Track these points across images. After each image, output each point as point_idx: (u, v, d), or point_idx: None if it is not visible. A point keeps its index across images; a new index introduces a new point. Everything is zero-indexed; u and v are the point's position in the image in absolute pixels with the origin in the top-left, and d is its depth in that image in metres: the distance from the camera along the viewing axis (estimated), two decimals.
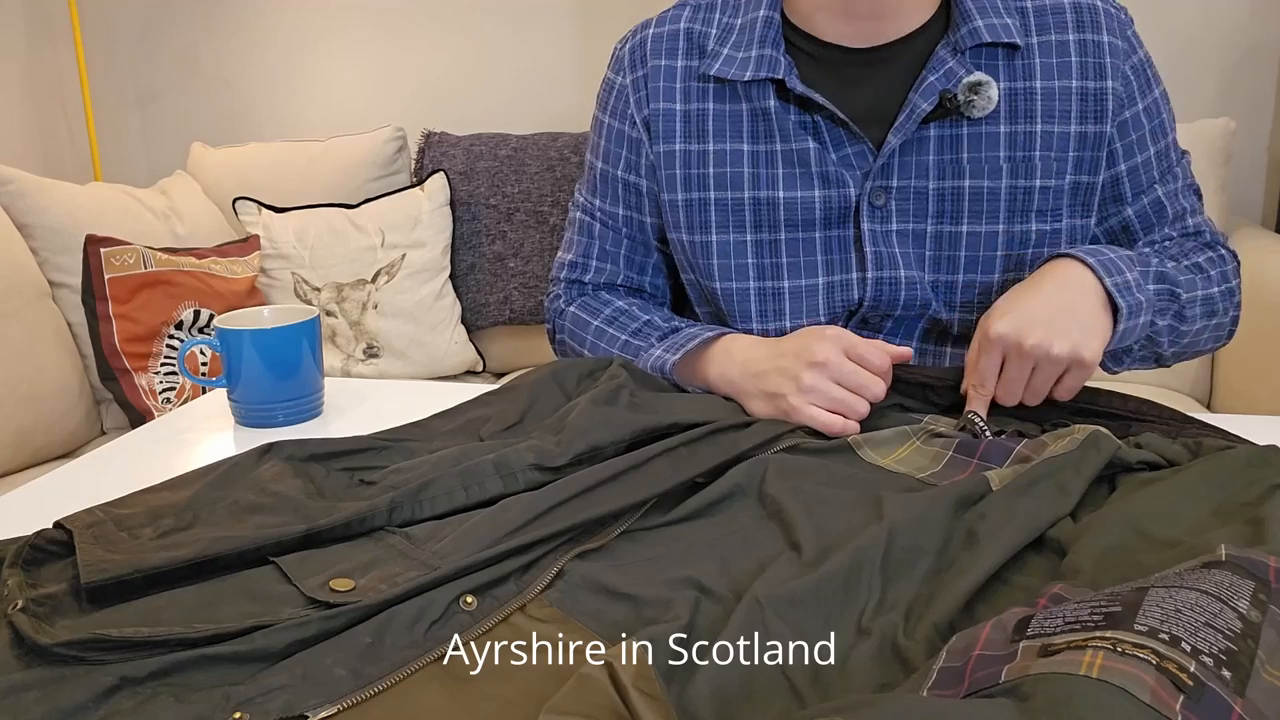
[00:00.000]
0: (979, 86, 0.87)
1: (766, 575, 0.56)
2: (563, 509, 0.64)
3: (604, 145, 1.01)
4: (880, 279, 0.91)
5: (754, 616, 0.52)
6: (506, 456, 0.70)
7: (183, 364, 0.99)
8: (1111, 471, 0.68)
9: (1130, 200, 0.94)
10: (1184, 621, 0.40)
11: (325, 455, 0.75)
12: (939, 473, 0.71)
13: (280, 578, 0.59)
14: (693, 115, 0.94)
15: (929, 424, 0.77)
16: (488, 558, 0.59)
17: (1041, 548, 0.60)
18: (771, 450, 0.73)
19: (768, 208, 0.93)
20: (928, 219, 0.91)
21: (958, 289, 0.93)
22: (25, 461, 1.76)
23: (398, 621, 0.54)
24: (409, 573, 0.58)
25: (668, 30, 0.97)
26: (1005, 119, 0.89)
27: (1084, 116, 0.90)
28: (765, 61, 0.90)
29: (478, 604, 0.57)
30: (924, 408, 0.83)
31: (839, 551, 0.57)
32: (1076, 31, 0.90)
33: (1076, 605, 0.44)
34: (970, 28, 0.89)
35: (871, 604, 0.54)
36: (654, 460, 0.70)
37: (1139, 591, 0.43)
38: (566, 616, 0.56)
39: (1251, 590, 0.43)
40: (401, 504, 0.66)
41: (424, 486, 0.67)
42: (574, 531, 0.63)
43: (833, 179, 0.91)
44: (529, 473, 0.70)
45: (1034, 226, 0.91)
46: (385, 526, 0.65)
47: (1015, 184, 0.90)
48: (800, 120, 0.91)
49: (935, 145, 0.90)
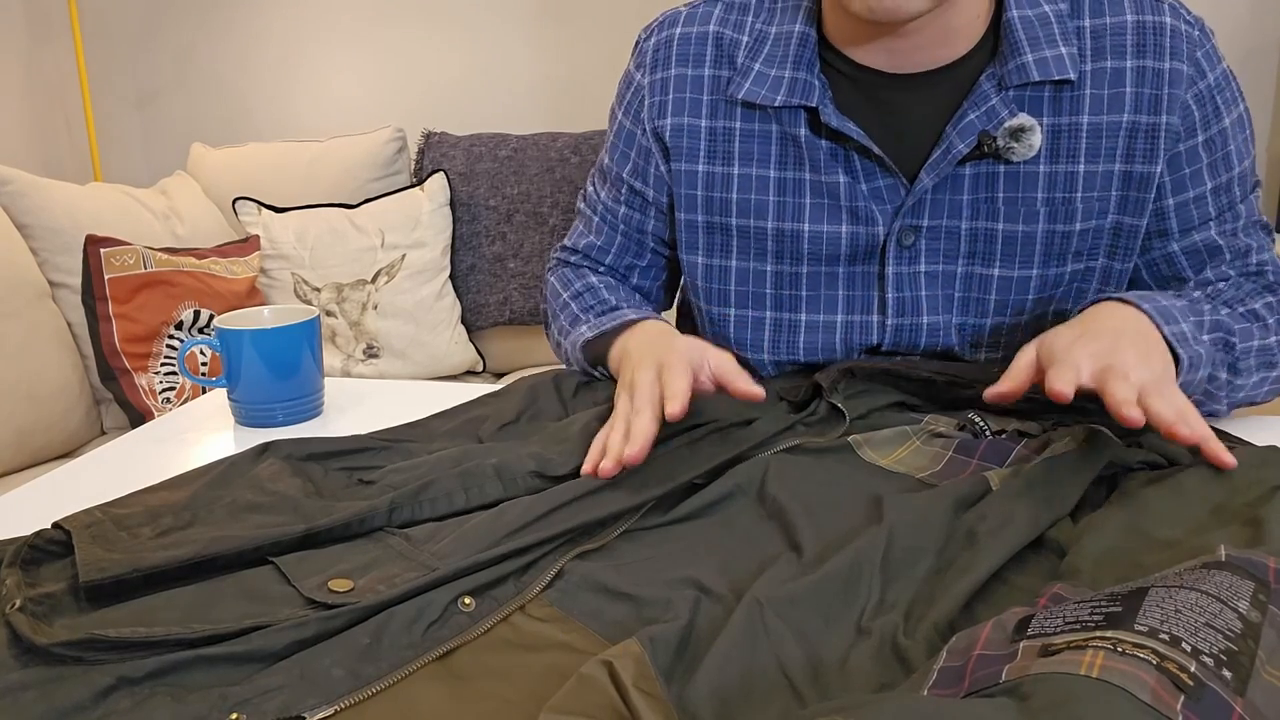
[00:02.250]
0: (1021, 133, 0.81)
1: (766, 575, 0.56)
2: (562, 511, 0.64)
3: (614, 142, 0.97)
4: (900, 325, 0.88)
5: (754, 616, 0.51)
6: (508, 462, 0.70)
7: (183, 364, 0.99)
8: (1112, 471, 0.67)
9: (1178, 236, 0.86)
10: (1184, 622, 0.40)
11: (324, 454, 0.75)
12: (939, 472, 0.71)
13: (279, 578, 0.59)
14: (719, 133, 0.89)
15: (929, 424, 0.77)
16: (487, 559, 0.58)
17: (1041, 548, 0.60)
18: (772, 450, 0.73)
19: (791, 239, 0.88)
20: (958, 260, 0.86)
21: (985, 331, 0.88)
22: (25, 461, 1.76)
23: (396, 622, 0.54)
24: (408, 574, 0.58)
25: (696, 32, 0.91)
26: (1046, 158, 0.83)
27: (1131, 156, 0.82)
28: (799, 86, 0.85)
29: (476, 605, 0.56)
30: (926, 405, 0.82)
31: (839, 552, 0.57)
32: (1136, 57, 0.82)
33: (1076, 605, 0.44)
34: (1019, 63, 0.81)
35: (871, 604, 0.54)
36: (654, 461, 0.70)
37: (1139, 592, 0.43)
38: (566, 616, 0.56)
39: (1252, 591, 0.43)
40: (401, 505, 0.65)
41: (424, 488, 0.67)
42: (574, 533, 0.62)
43: (862, 215, 0.86)
44: (529, 479, 0.69)
45: (1069, 268, 0.86)
46: (385, 527, 0.65)
47: (1053, 229, 0.84)
48: (831, 150, 0.86)
49: (970, 184, 0.84)
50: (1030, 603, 0.50)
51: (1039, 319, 0.88)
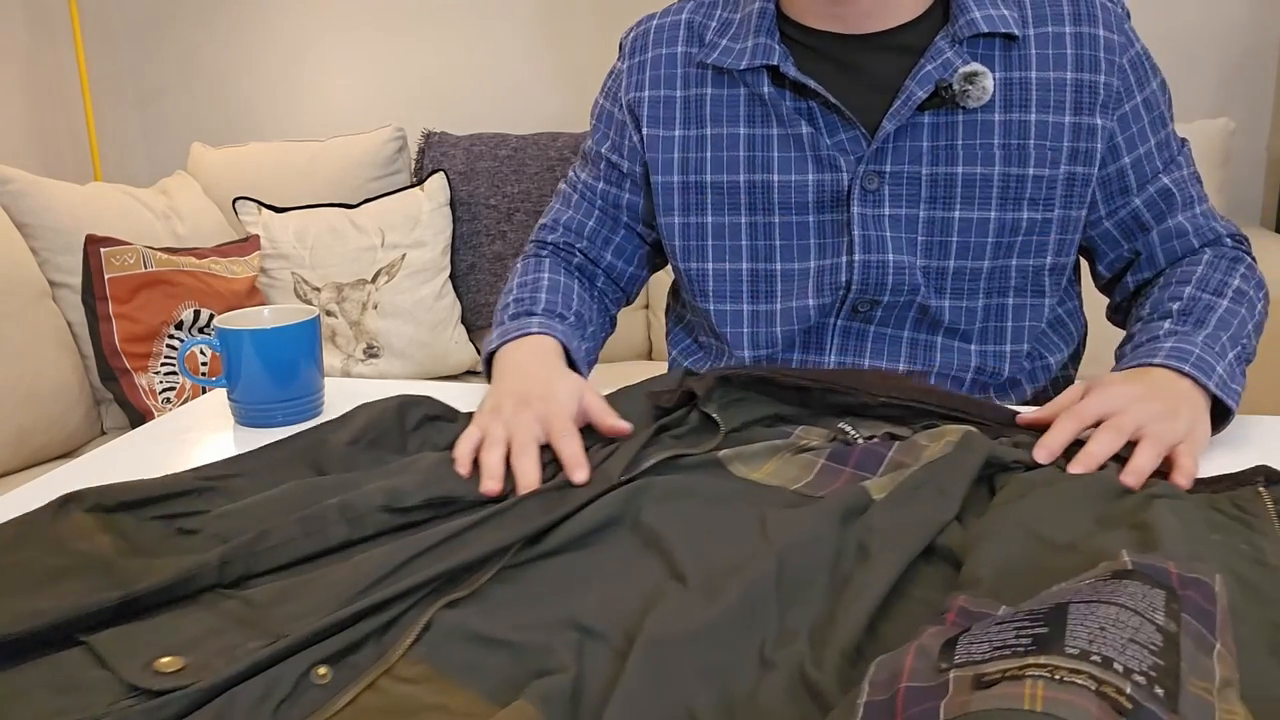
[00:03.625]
0: (974, 77, 0.88)
1: (657, 613, 0.52)
2: (425, 557, 0.58)
3: (596, 125, 1.05)
4: (867, 262, 0.92)
5: (652, 659, 0.48)
6: (353, 499, 0.63)
7: (183, 364, 0.99)
8: (990, 471, 0.67)
9: (1137, 191, 0.95)
10: (1110, 640, 0.40)
11: (136, 502, 0.65)
12: (812, 482, 0.69)
13: (93, 661, 0.50)
14: (691, 100, 0.97)
15: (800, 437, 0.75)
16: (342, 619, 0.51)
17: (933, 555, 0.59)
18: (641, 467, 0.69)
19: (763, 190, 0.94)
20: (920, 204, 0.92)
21: (948, 275, 0.93)
22: (25, 461, 1.76)
23: (239, 705, 0.46)
24: (249, 644, 0.50)
25: (669, 21, 1.00)
26: (1000, 108, 0.90)
27: (1079, 108, 0.90)
28: (760, 50, 0.92)
29: (333, 674, 0.49)
30: (800, 415, 0.79)
31: (730, 581, 0.54)
32: (1073, 24, 0.91)
33: (999, 626, 0.43)
34: (968, 18, 0.89)
35: (772, 633, 0.51)
36: (522, 501, 0.65)
37: (1059, 609, 0.43)
38: (440, 674, 0.50)
39: (1164, 600, 0.43)
40: (234, 558, 0.57)
41: (260, 536, 0.59)
42: (439, 580, 0.56)
43: (826, 163, 0.92)
44: (378, 515, 0.63)
45: (1025, 215, 0.92)
46: (217, 587, 0.56)
47: (1008, 170, 0.90)
48: (796, 106, 0.92)
49: (930, 132, 0.90)
50: (936, 617, 0.49)
51: (1002, 268, 0.94)
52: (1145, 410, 0.73)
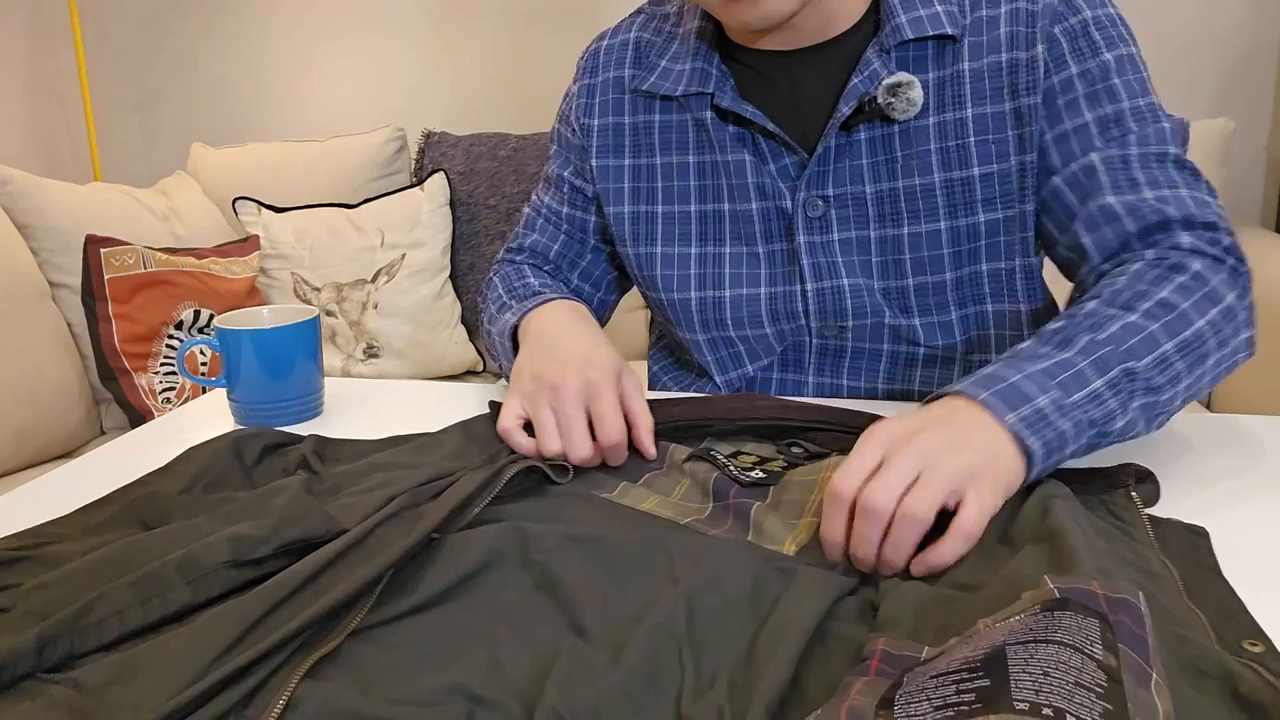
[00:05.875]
0: (898, 88, 0.82)
1: (558, 677, 0.46)
2: (282, 610, 0.51)
3: (556, 149, 1.03)
4: (821, 290, 0.89)
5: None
6: (194, 555, 0.55)
7: (182, 364, 0.99)
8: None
9: (1060, 170, 0.83)
10: (1056, 686, 0.38)
11: None
12: (706, 520, 0.65)
13: None
14: (640, 128, 0.94)
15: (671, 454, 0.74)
16: (193, 698, 0.44)
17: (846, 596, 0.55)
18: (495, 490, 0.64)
19: (713, 220, 0.92)
20: (870, 224, 0.87)
21: (910, 293, 0.89)
22: (25, 461, 1.76)
23: None
24: None
25: (619, 41, 0.98)
26: (934, 110, 0.84)
27: (1015, 91, 0.83)
28: (697, 75, 0.89)
29: None
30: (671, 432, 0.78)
31: (636, 630, 0.48)
32: (1010, 1, 0.84)
33: (936, 680, 0.41)
34: (894, 25, 0.84)
35: (688, 685, 0.46)
36: (379, 529, 0.59)
37: (997, 657, 0.40)
38: None
39: (1099, 630, 0.42)
40: (55, 637, 0.49)
41: (86, 609, 0.51)
42: (300, 637, 0.49)
43: (769, 192, 0.89)
44: (224, 572, 0.55)
45: (981, 218, 0.86)
46: (35, 673, 0.48)
47: (950, 176, 0.85)
48: (736, 133, 0.89)
49: (867, 149, 0.86)
50: (858, 664, 0.46)
51: (970, 276, 0.88)
52: (924, 446, 0.60)
